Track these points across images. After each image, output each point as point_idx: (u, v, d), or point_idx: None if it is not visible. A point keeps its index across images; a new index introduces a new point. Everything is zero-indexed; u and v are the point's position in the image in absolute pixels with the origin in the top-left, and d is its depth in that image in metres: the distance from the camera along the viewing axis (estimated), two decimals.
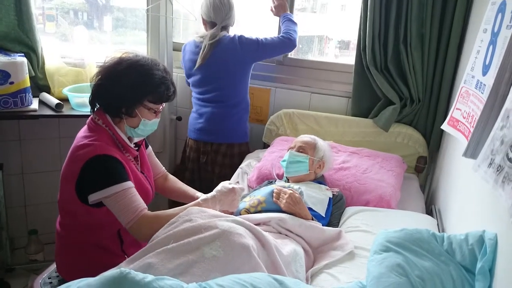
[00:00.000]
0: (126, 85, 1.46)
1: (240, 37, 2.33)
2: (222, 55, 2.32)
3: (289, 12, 2.49)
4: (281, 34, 2.37)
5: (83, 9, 2.87)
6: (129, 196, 1.41)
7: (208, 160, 2.48)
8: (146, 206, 1.46)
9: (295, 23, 2.43)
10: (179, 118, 2.88)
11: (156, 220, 1.39)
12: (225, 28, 2.37)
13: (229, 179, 2.08)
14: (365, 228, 1.67)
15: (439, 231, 1.72)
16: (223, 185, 1.61)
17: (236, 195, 1.59)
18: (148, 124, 1.54)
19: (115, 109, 1.49)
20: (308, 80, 2.62)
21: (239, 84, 2.41)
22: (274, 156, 2.21)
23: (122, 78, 1.46)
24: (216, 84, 2.38)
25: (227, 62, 2.34)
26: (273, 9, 2.51)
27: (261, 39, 2.34)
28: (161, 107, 1.57)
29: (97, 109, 1.53)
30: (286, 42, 2.34)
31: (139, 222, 1.40)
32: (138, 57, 1.50)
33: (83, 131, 1.51)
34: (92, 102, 1.53)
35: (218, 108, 2.41)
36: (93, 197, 1.40)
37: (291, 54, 2.68)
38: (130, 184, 1.43)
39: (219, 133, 2.45)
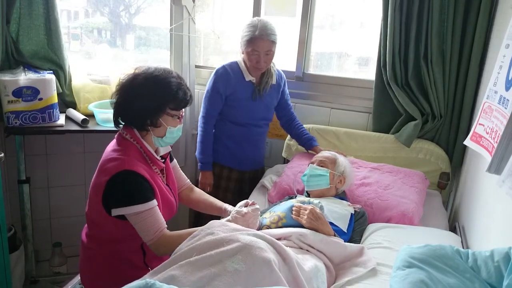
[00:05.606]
0: (146, 98, 1.49)
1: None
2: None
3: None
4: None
5: (106, 28, 2.96)
6: (151, 216, 1.45)
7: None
8: (165, 226, 1.51)
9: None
10: None
11: (172, 241, 1.45)
12: None
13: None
14: (387, 245, 1.65)
15: (463, 249, 1.69)
16: (238, 209, 1.63)
17: (249, 219, 1.59)
18: (174, 131, 1.58)
19: (140, 123, 1.53)
20: (328, 96, 2.63)
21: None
22: (294, 171, 2.21)
23: (141, 91, 1.50)
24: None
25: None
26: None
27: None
28: (182, 112, 1.61)
29: (124, 124, 1.58)
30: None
31: (158, 242, 1.47)
32: (151, 69, 1.53)
33: (112, 145, 1.56)
34: (115, 120, 1.58)
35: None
36: (116, 212, 1.44)
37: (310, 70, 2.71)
38: (153, 203, 1.47)
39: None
